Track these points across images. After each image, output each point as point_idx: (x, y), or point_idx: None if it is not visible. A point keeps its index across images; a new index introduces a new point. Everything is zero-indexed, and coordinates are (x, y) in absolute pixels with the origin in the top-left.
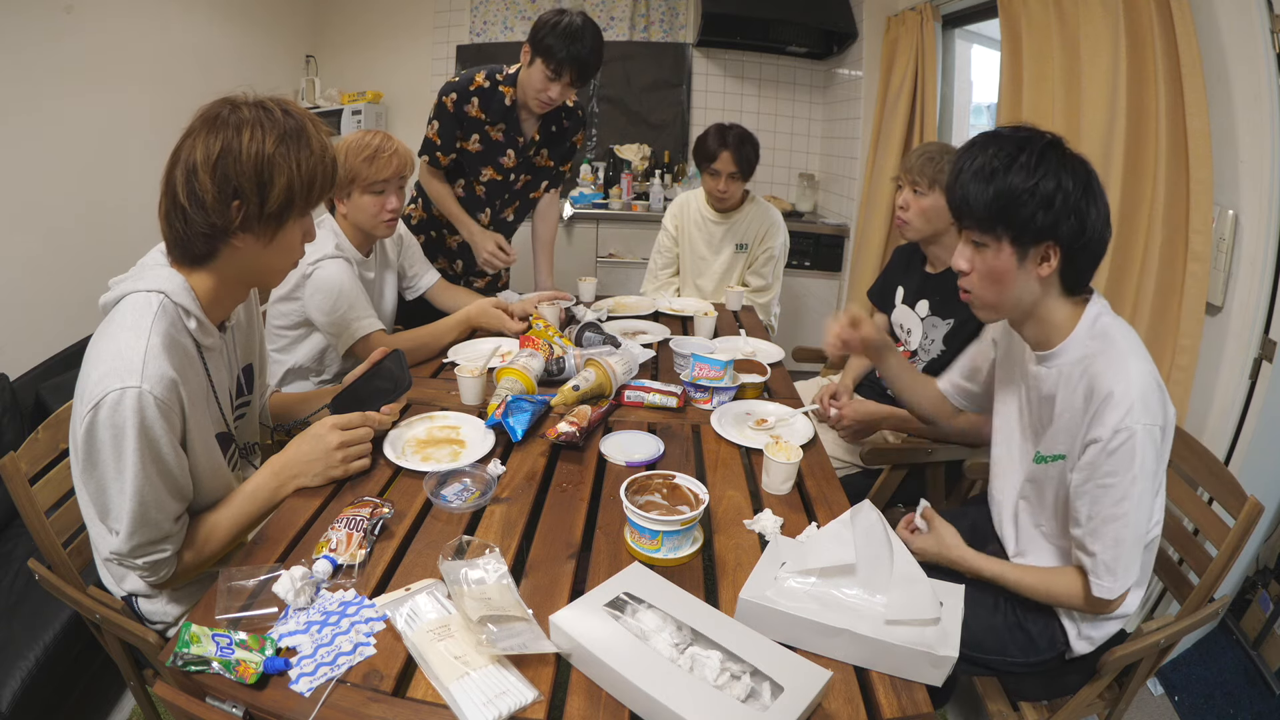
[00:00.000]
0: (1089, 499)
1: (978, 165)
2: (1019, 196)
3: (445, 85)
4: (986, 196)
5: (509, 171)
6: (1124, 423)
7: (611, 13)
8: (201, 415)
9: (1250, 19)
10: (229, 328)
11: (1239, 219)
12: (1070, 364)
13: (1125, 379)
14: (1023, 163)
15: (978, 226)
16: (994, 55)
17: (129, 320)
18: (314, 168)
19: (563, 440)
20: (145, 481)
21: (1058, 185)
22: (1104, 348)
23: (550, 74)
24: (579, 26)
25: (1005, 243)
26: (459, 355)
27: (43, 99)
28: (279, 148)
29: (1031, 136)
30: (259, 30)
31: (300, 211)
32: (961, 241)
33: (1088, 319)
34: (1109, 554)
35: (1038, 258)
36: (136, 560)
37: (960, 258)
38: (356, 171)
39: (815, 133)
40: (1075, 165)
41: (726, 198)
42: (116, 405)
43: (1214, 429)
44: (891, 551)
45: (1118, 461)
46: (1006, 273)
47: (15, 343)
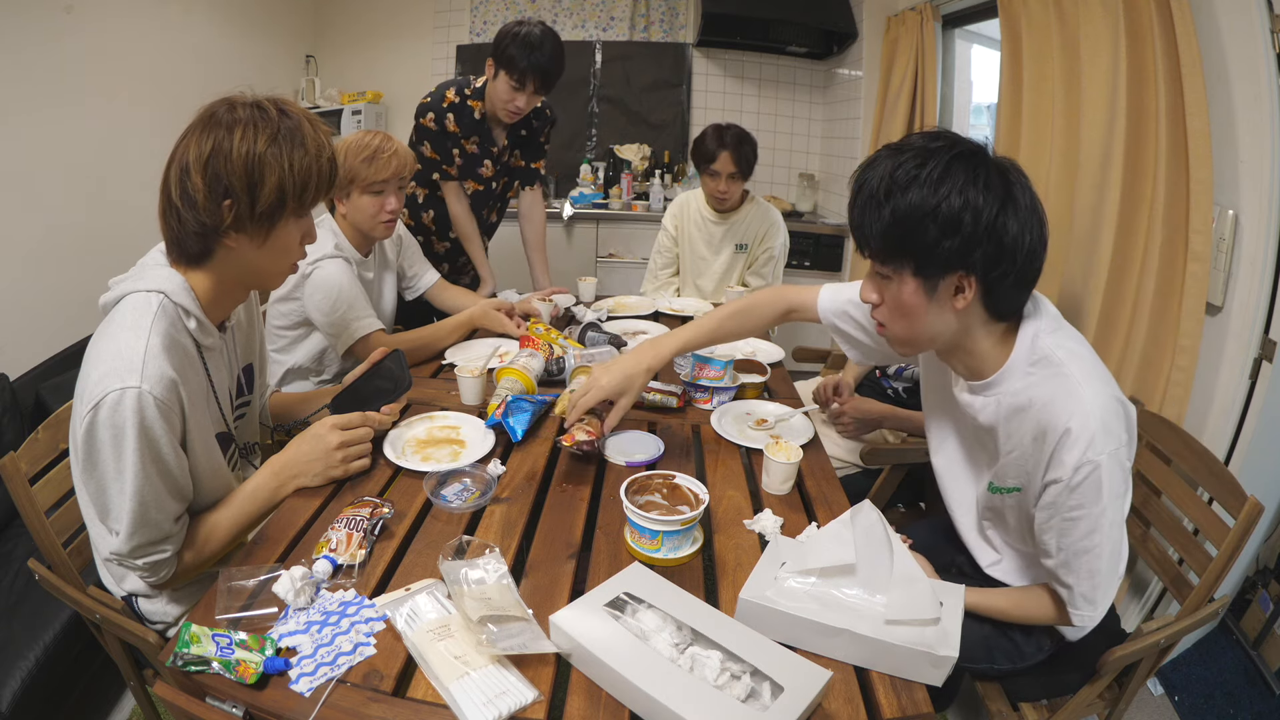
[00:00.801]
0: (1056, 533)
1: (874, 183)
2: (918, 219)
3: (420, 108)
4: (883, 220)
5: (489, 181)
6: (1085, 457)
7: (611, 13)
8: (201, 415)
9: (1250, 19)
10: (229, 328)
11: (1239, 219)
12: (1009, 395)
13: (1081, 412)
14: (924, 177)
15: (875, 256)
16: (994, 55)
17: (129, 320)
18: (308, 168)
19: (581, 450)
20: (145, 481)
21: (964, 204)
22: (1048, 376)
23: (514, 84)
24: (538, 36)
25: (907, 274)
26: (457, 356)
27: (43, 99)
28: (270, 147)
29: (941, 147)
30: (259, 30)
31: (295, 212)
32: (867, 271)
33: (1023, 344)
34: (1085, 585)
35: (950, 289)
36: (136, 561)
37: (866, 288)
38: (355, 172)
39: (815, 133)
40: (991, 178)
41: (726, 198)
42: (116, 405)
43: (1214, 429)
44: (891, 551)
45: (1083, 495)
46: (915, 307)
47: (15, 343)
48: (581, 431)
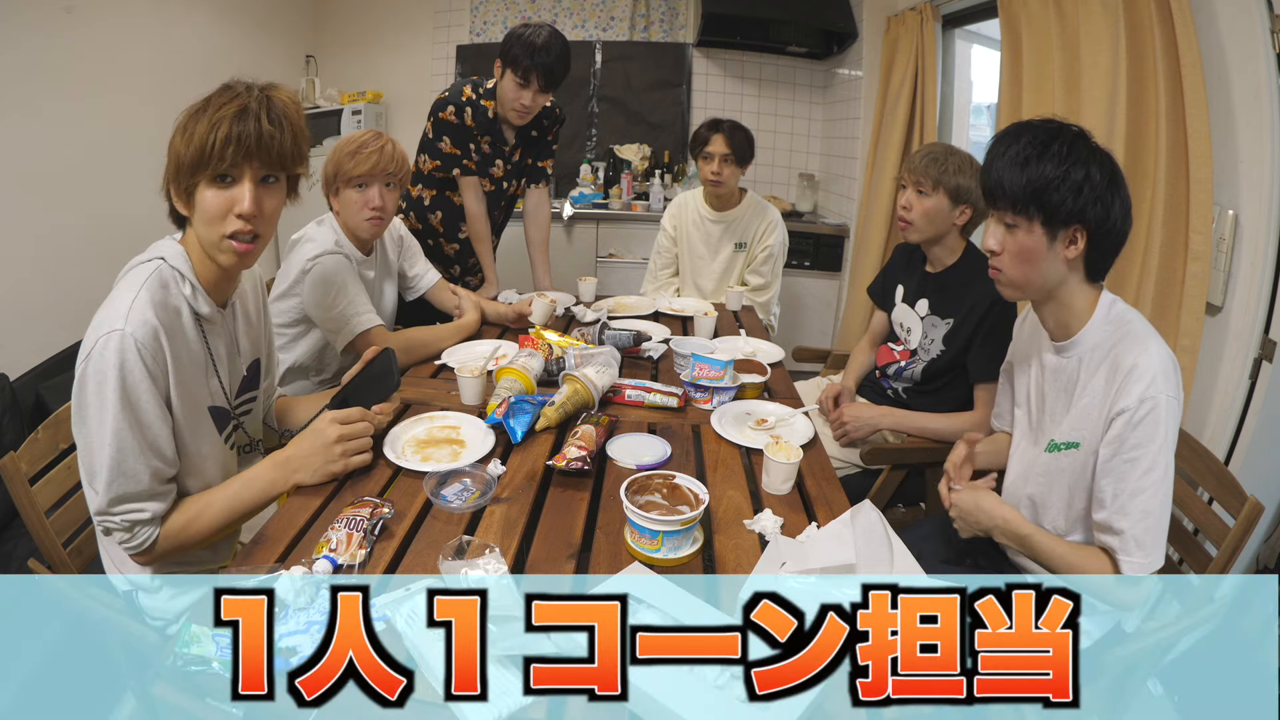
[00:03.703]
0: (1115, 476)
1: (1012, 153)
2: (1051, 182)
3: (438, 102)
4: (1020, 181)
5: (500, 180)
6: (1149, 392)
7: (611, 13)
8: (191, 379)
9: (1250, 19)
10: (232, 306)
11: (1239, 219)
12: (1089, 350)
13: (1147, 353)
14: (1054, 151)
15: (1011, 208)
16: (994, 55)
17: (125, 282)
18: (210, 130)
19: (573, 467)
20: (123, 424)
21: (1086, 174)
22: (1124, 332)
23: (520, 81)
24: (545, 36)
25: (1036, 224)
26: (453, 358)
27: (43, 99)
28: (201, 114)
29: (1062, 128)
30: (259, 30)
31: (210, 179)
32: (992, 223)
33: (1104, 305)
34: (1139, 527)
35: (1066, 240)
36: (115, 517)
37: (991, 238)
38: (340, 166)
39: (815, 133)
40: (1102, 157)
41: (720, 181)
42: (103, 351)
43: (1214, 429)
44: (891, 551)
45: (1144, 432)
46: (1036, 252)
47: (15, 343)
48: (573, 448)
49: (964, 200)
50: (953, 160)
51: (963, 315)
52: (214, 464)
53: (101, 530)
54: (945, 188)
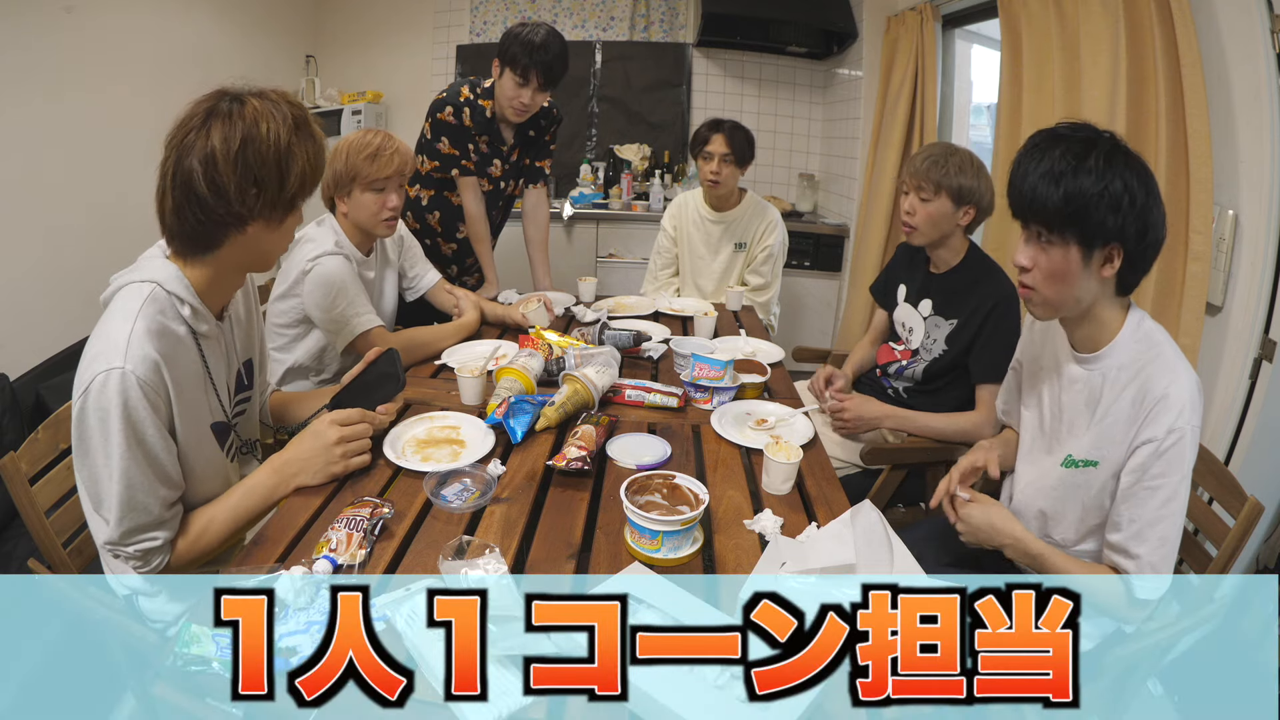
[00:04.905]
0: (1135, 502)
1: (1045, 167)
2: (1090, 199)
3: (435, 103)
4: (1056, 198)
5: (499, 180)
6: (1177, 423)
7: (611, 13)
8: (192, 401)
9: (1250, 19)
10: (227, 317)
11: (1239, 219)
12: (1117, 368)
13: (1179, 383)
14: (1090, 165)
15: (1046, 227)
16: (994, 55)
17: (119, 308)
18: (319, 154)
19: (573, 467)
20: (131, 463)
21: (1125, 187)
22: (1154, 353)
23: (519, 80)
24: (544, 34)
25: (1073, 244)
26: (453, 358)
27: (43, 99)
28: (293, 135)
29: (1096, 137)
30: (259, 30)
31: (309, 195)
32: (1023, 239)
33: (1132, 322)
34: (1156, 554)
35: (1102, 259)
36: (128, 548)
37: (1022, 255)
38: (358, 169)
39: (815, 133)
40: (1139, 166)
41: (719, 181)
42: (102, 388)
43: (1214, 429)
44: (891, 551)
45: (1168, 463)
46: (1071, 273)
47: (15, 343)
48: (573, 448)
49: (967, 201)
50: (954, 161)
51: (966, 316)
52: (215, 476)
53: (111, 555)
54: (948, 190)
